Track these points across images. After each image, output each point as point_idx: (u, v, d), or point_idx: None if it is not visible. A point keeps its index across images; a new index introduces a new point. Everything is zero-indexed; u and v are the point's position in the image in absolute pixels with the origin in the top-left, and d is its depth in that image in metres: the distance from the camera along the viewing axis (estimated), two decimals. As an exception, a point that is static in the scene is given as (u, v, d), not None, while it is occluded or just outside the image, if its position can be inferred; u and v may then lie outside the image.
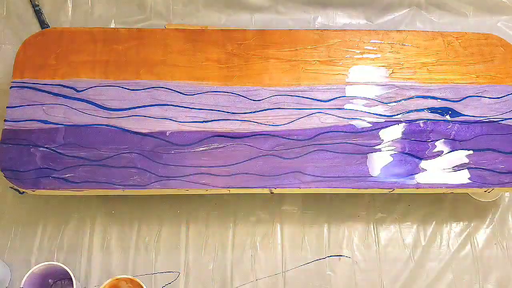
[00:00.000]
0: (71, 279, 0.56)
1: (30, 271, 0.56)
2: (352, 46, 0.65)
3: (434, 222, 0.67)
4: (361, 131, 0.60)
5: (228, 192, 0.58)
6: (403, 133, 0.60)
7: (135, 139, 0.59)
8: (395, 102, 0.62)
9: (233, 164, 0.58)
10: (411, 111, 0.61)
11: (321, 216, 0.66)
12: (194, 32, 0.65)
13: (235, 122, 0.60)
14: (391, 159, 0.59)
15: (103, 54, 0.63)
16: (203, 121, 0.60)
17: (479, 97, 0.62)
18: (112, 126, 0.59)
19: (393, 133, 0.60)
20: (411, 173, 0.58)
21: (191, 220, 0.66)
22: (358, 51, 0.65)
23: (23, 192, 0.58)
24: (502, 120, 0.61)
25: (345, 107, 0.61)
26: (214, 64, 0.63)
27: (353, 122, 0.60)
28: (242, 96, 0.61)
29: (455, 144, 0.60)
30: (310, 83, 0.62)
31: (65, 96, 0.60)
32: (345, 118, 0.61)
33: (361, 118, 0.61)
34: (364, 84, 0.63)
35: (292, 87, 0.62)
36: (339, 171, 0.58)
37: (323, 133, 0.60)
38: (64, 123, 0.59)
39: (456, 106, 0.62)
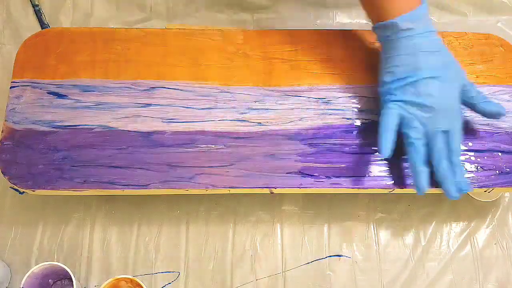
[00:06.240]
0: (71, 279, 0.56)
1: (30, 271, 0.56)
2: (352, 46, 0.65)
3: (434, 222, 0.67)
4: (361, 131, 0.60)
5: (228, 192, 0.58)
6: (403, 133, 0.60)
7: (135, 139, 0.59)
8: (395, 102, 0.62)
9: (233, 164, 0.58)
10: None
11: (321, 216, 0.66)
12: (194, 32, 0.65)
13: (236, 122, 0.60)
14: (391, 159, 0.59)
15: (103, 54, 0.63)
16: (204, 121, 0.60)
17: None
18: (112, 126, 0.59)
19: (393, 133, 0.60)
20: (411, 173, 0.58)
21: (191, 220, 0.66)
22: (358, 51, 0.65)
23: (23, 192, 0.58)
24: (502, 120, 0.61)
25: (345, 107, 0.61)
26: (214, 64, 0.63)
27: (353, 122, 0.60)
28: (242, 96, 0.61)
29: (455, 144, 0.60)
30: (310, 83, 0.62)
31: (65, 96, 0.60)
32: (345, 118, 0.61)
33: (361, 118, 0.61)
34: (364, 84, 0.63)
35: (292, 87, 0.62)
36: (339, 171, 0.58)
37: (323, 133, 0.60)
38: (64, 123, 0.59)
39: (456, 106, 0.62)
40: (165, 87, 0.61)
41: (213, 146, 0.59)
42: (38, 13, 0.75)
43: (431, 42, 0.55)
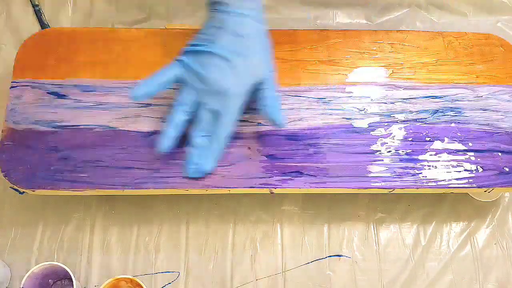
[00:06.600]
0: (71, 279, 0.56)
1: (30, 271, 0.56)
2: (352, 46, 0.65)
3: (434, 222, 0.67)
4: (361, 131, 0.60)
5: (228, 192, 0.58)
6: (403, 133, 0.60)
7: (135, 139, 0.59)
8: (395, 102, 0.62)
9: (233, 164, 0.58)
10: (411, 111, 0.61)
11: (321, 216, 0.66)
12: (194, 32, 0.65)
13: (235, 122, 0.60)
14: (391, 159, 0.59)
15: (103, 54, 0.63)
16: (203, 121, 0.60)
17: (479, 97, 0.62)
18: (112, 126, 0.59)
19: (393, 133, 0.60)
20: (411, 173, 0.58)
21: (191, 220, 0.66)
22: (358, 51, 0.65)
23: (23, 192, 0.58)
24: (502, 120, 0.61)
25: (345, 107, 0.61)
26: (214, 64, 0.63)
27: (353, 122, 0.60)
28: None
29: (455, 144, 0.60)
30: (310, 83, 0.63)
31: (65, 96, 0.60)
32: (345, 118, 0.61)
33: (361, 118, 0.61)
34: (364, 84, 0.63)
35: (292, 87, 0.62)
36: (339, 171, 0.58)
37: (323, 133, 0.60)
38: (64, 123, 0.59)
39: (456, 106, 0.62)
40: (165, 87, 0.61)
41: (213, 146, 0.58)
42: (38, 13, 0.75)
43: (241, 25, 0.54)
